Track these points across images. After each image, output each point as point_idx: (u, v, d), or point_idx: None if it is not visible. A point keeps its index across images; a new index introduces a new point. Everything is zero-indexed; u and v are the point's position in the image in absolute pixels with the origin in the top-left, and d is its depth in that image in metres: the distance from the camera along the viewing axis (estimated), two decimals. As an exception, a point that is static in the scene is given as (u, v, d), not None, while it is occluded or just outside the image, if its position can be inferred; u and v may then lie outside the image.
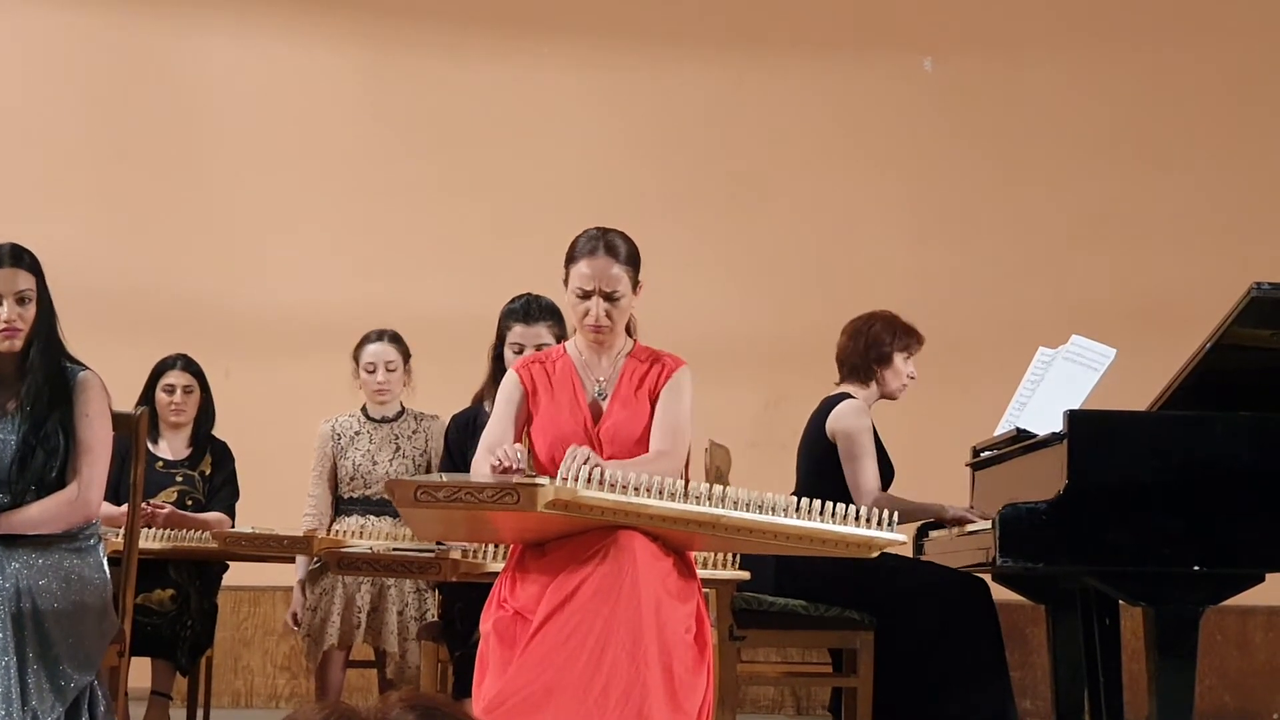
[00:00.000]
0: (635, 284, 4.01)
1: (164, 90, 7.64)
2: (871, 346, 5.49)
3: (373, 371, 5.74)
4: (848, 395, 5.50)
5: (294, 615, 5.62)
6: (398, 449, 5.73)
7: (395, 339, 5.79)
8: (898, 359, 5.49)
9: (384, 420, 5.78)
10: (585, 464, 3.65)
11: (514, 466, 3.72)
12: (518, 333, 4.87)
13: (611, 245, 3.98)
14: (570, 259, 4.01)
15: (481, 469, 3.89)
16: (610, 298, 3.96)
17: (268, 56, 7.73)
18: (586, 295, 3.96)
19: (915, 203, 7.68)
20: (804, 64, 7.74)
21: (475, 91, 7.73)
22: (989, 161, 7.68)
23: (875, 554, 3.77)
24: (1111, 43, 7.65)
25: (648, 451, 3.94)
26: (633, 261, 4.00)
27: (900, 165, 7.70)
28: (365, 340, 5.78)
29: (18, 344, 4.22)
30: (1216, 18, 7.60)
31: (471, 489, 3.57)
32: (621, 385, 4.01)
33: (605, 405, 4.00)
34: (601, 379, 4.03)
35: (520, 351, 4.82)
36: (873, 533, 3.69)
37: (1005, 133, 7.69)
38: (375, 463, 5.71)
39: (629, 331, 4.11)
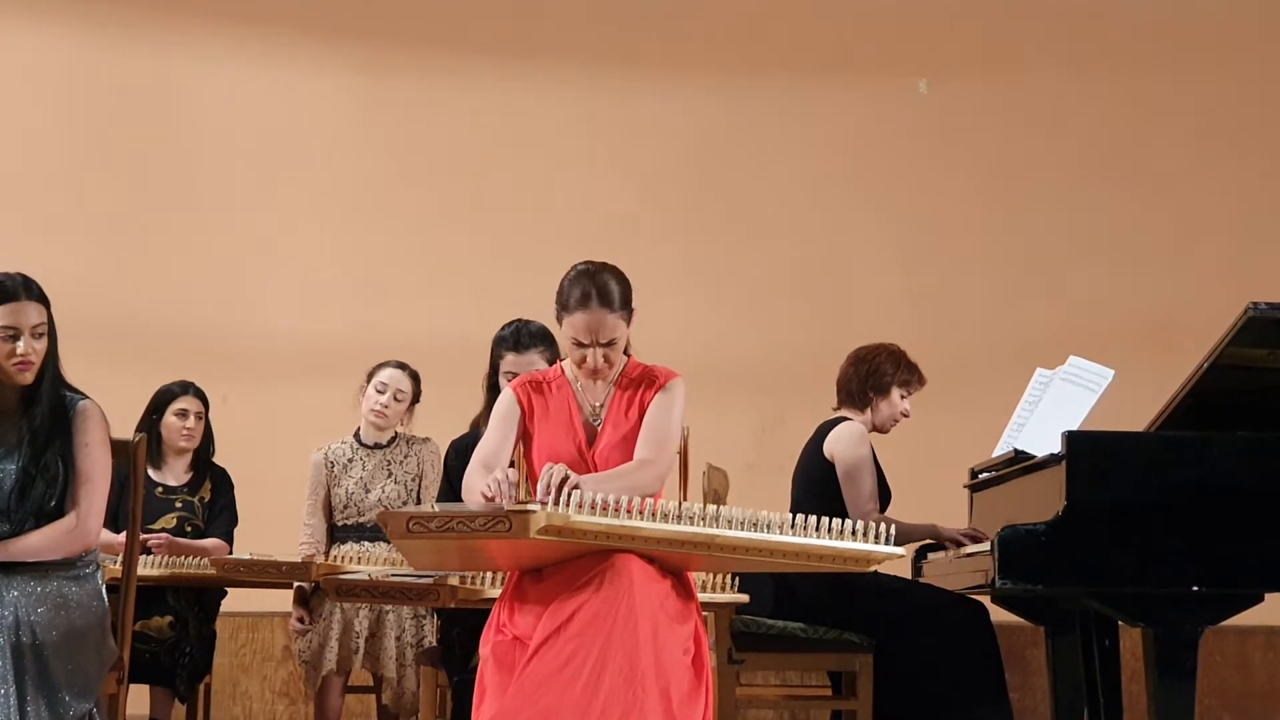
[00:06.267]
0: (630, 320, 4.01)
1: (161, 118, 7.65)
2: (872, 375, 5.51)
3: (382, 392, 5.74)
4: (845, 419, 5.51)
5: (299, 620, 5.60)
6: (390, 475, 5.73)
7: (415, 377, 5.81)
8: (895, 393, 5.51)
9: (376, 446, 5.79)
10: (564, 484, 3.64)
11: (499, 500, 3.70)
12: (510, 361, 4.87)
13: (604, 294, 3.93)
14: (563, 305, 3.97)
15: (474, 484, 3.88)
16: (608, 345, 3.96)
17: (264, 84, 7.73)
18: (583, 345, 3.96)
19: (911, 225, 7.69)
20: (797, 88, 7.75)
21: (470, 117, 7.74)
22: (983, 183, 7.69)
23: (872, 568, 3.76)
24: (1106, 63, 7.66)
25: None
26: (626, 302, 3.98)
27: (895, 187, 7.71)
28: (386, 364, 5.79)
29: (30, 377, 4.23)
30: (1211, 38, 7.62)
31: (463, 518, 3.55)
32: (613, 407, 4.01)
33: (600, 429, 4.00)
34: (596, 402, 4.03)
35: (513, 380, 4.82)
36: (869, 547, 3.68)
37: (999, 154, 7.70)
38: (368, 490, 5.71)
39: (624, 351, 4.11)
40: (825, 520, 3.69)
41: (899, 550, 3.72)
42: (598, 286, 3.94)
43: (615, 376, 4.05)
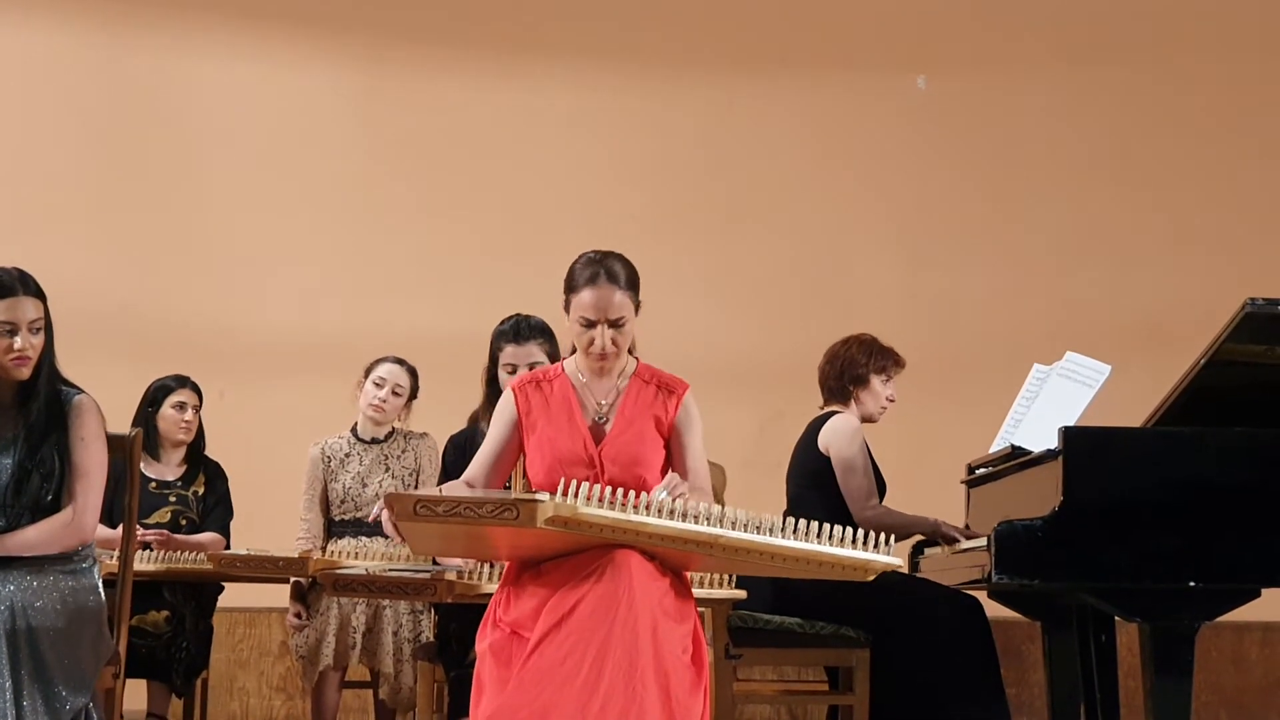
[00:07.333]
0: (637, 306, 4.01)
1: (158, 114, 7.65)
2: (847, 368, 5.53)
3: (380, 386, 5.74)
4: (836, 412, 5.53)
5: (296, 615, 5.60)
6: (387, 469, 5.73)
7: (413, 372, 5.81)
8: (874, 381, 5.52)
9: (374, 441, 5.79)
10: (673, 497, 3.69)
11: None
12: (509, 353, 4.88)
13: (612, 272, 3.95)
14: (570, 287, 3.97)
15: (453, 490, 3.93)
16: (615, 325, 3.94)
17: (262, 80, 7.73)
18: (591, 324, 3.95)
19: (908, 221, 7.70)
20: (795, 85, 7.75)
21: (467, 114, 7.73)
22: (982, 180, 7.70)
23: (871, 577, 3.76)
24: (1104, 61, 7.67)
25: (649, 472, 3.93)
26: (633, 285, 3.98)
27: (892, 184, 7.71)
28: (385, 359, 5.80)
29: (27, 372, 4.23)
30: (1205, 38, 7.63)
31: (471, 504, 3.56)
32: (625, 407, 3.99)
33: (608, 427, 3.98)
34: (603, 401, 4.01)
35: (514, 372, 4.83)
36: (869, 555, 3.69)
37: (997, 151, 7.70)
38: (365, 485, 5.71)
39: (630, 350, 4.10)
40: (827, 527, 3.68)
41: (897, 560, 3.72)
42: (606, 267, 3.95)
43: (626, 377, 4.04)
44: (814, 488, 5.42)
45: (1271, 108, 7.61)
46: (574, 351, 4.08)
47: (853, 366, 5.52)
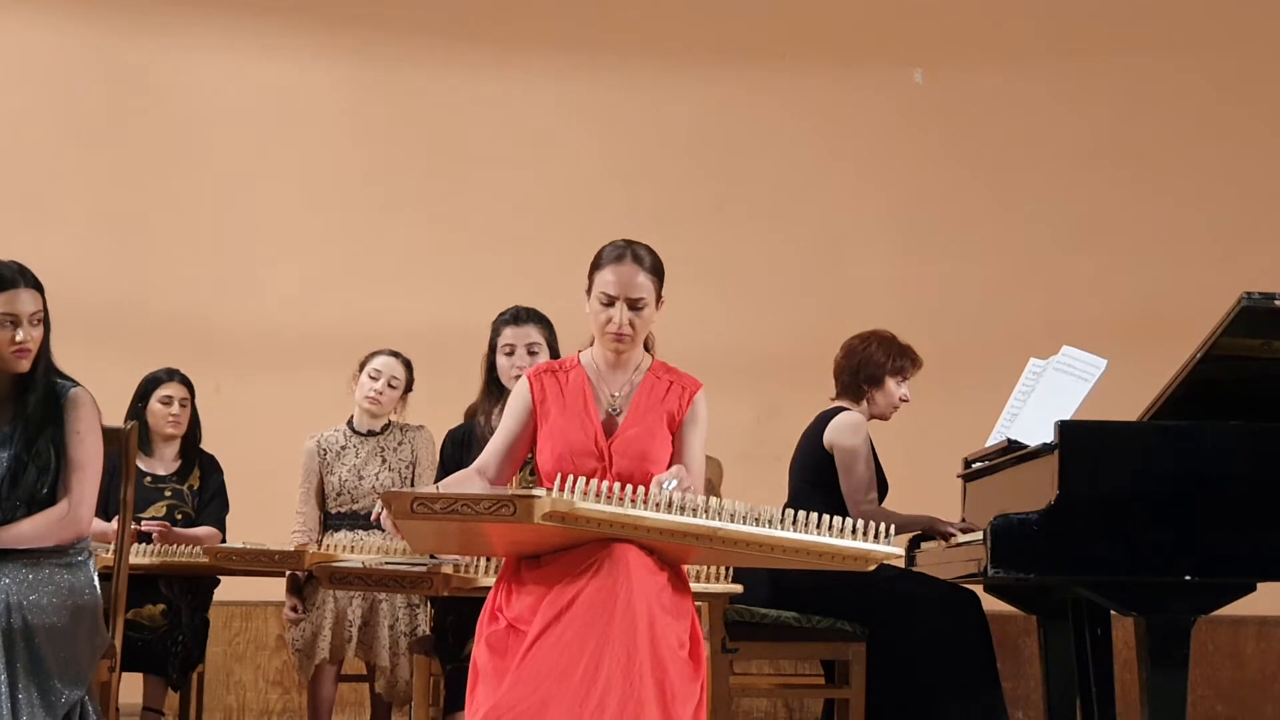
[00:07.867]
0: (658, 297, 4.02)
1: (152, 106, 7.64)
2: (863, 366, 5.51)
3: (375, 379, 5.74)
4: (843, 409, 5.52)
5: (292, 608, 5.60)
6: (384, 462, 5.73)
7: (408, 365, 5.81)
8: (890, 381, 5.50)
9: (370, 434, 5.78)
10: (680, 491, 3.68)
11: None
12: (508, 334, 4.93)
13: (638, 255, 3.98)
14: (595, 266, 4.00)
15: (459, 480, 3.95)
16: (634, 306, 3.95)
17: (255, 72, 7.73)
18: (610, 302, 3.95)
19: (905, 215, 7.69)
20: (793, 78, 7.75)
21: (462, 107, 7.73)
22: (977, 173, 7.69)
23: (872, 567, 3.76)
24: (1098, 55, 7.66)
25: (657, 468, 3.93)
26: (657, 273, 4.01)
27: (889, 178, 7.71)
28: (380, 351, 5.80)
29: (27, 365, 4.24)
30: (1202, 29, 7.62)
31: (468, 501, 3.57)
32: (639, 401, 3.99)
33: (620, 420, 3.98)
34: (616, 394, 4.01)
35: (511, 353, 4.89)
36: (869, 546, 3.69)
37: (993, 145, 7.70)
38: (361, 477, 5.71)
39: (646, 347, 4.10)
40: (826, 518, 3.69)
41: (898, 550, 3.73)
42: (633, 250, 3.99)
43: (640, 371, 4.04)
44: (815, 483, 5.41)
45: (1271, 102, 7.61)
46: (591, 344, 4.08)
47: (869, 365, 5.49)
